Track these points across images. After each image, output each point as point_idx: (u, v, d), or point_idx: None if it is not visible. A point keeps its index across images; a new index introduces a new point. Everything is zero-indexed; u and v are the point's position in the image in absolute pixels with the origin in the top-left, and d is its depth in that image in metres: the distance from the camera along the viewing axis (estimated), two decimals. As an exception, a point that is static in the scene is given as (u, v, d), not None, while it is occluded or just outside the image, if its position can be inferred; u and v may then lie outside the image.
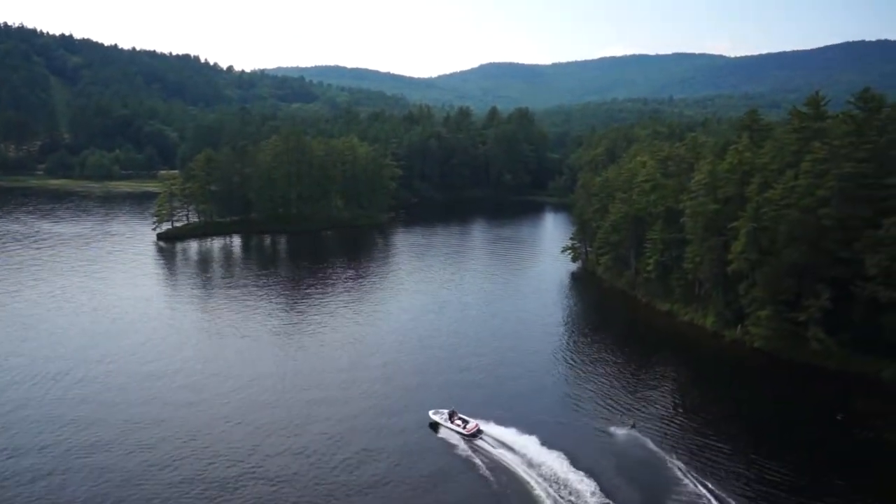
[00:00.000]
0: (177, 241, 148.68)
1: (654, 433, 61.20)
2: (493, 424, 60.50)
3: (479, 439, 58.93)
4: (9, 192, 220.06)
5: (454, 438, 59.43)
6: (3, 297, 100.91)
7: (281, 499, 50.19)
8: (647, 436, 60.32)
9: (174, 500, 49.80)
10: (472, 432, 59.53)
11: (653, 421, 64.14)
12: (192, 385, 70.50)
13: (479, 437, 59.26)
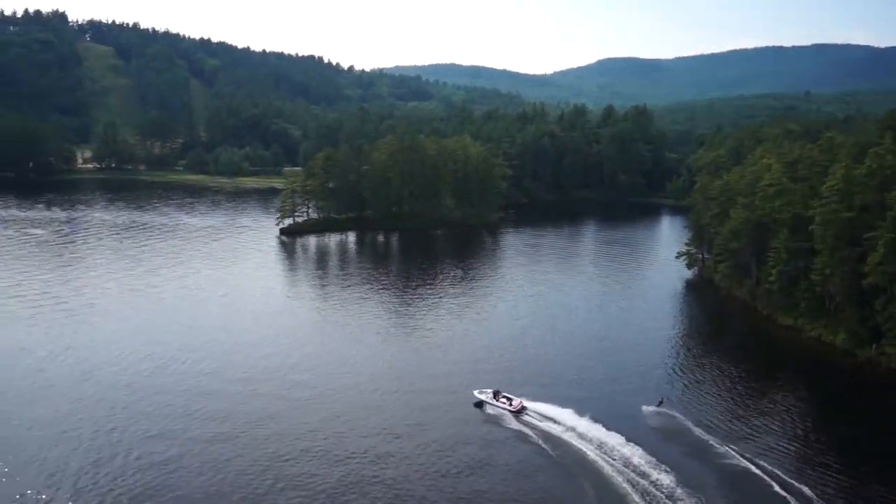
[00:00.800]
0: (297, 236, 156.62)
1: (774, 458, 57.57)
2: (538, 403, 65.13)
3: (524, 415, 63.62)
4: (153, 186, 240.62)
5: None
6: (143, 285, 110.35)
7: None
8: (763, 460, 56.85)
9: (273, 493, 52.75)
10: (518, 409, 64.13)
11: (772, 445, 60.37)
12: (308, 382, 73.83)
13: (524, 413, 63.91)
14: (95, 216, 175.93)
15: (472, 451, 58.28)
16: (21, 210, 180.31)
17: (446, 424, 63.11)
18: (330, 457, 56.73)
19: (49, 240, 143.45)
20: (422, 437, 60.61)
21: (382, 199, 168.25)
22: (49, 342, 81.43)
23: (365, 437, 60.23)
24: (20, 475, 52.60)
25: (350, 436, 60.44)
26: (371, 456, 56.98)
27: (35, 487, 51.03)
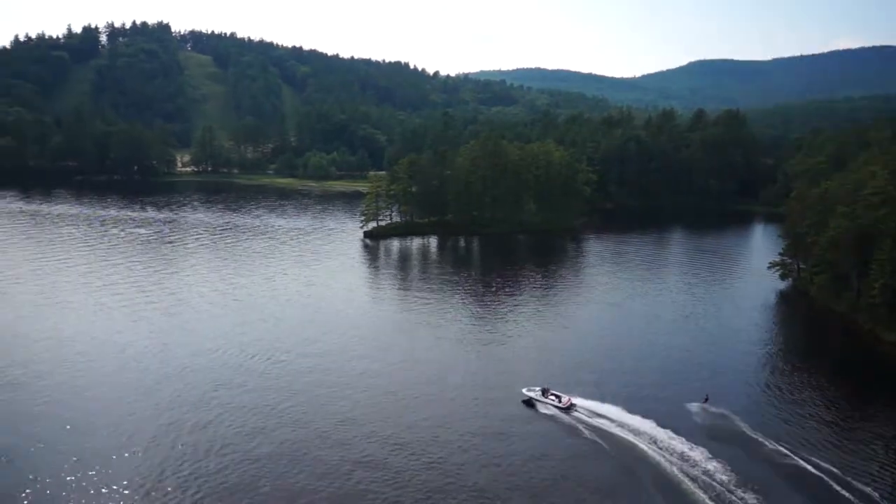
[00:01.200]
0: (380, 238, 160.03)
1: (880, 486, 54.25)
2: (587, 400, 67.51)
3: (573, 412, 65.97)
4: (246, 189, 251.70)
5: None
6: (234, 284, 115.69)
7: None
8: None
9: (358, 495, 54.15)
10: (567, 405, 66.28)
11: (872, 474, 56.88)
12: (387, 383, 75.53)
13: (574, 410, 66.18)
14: (193, 217, 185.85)
15: (530, 445, 60.39)
16: (126, 210, 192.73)
17: (530, 434, 63.14)
18: (412, 457, 57.83)
19: (151, 239, 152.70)
20: (499, 442, 60.90)
21: (464, 203, 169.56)
22: (146, 337, 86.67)
23: (439, 444, 60.96)
24: (120, 462, 56.40)
25: (424, 438, 61.38)
26: (445, 455, 57.71)
27: (136, 474, 54.60)
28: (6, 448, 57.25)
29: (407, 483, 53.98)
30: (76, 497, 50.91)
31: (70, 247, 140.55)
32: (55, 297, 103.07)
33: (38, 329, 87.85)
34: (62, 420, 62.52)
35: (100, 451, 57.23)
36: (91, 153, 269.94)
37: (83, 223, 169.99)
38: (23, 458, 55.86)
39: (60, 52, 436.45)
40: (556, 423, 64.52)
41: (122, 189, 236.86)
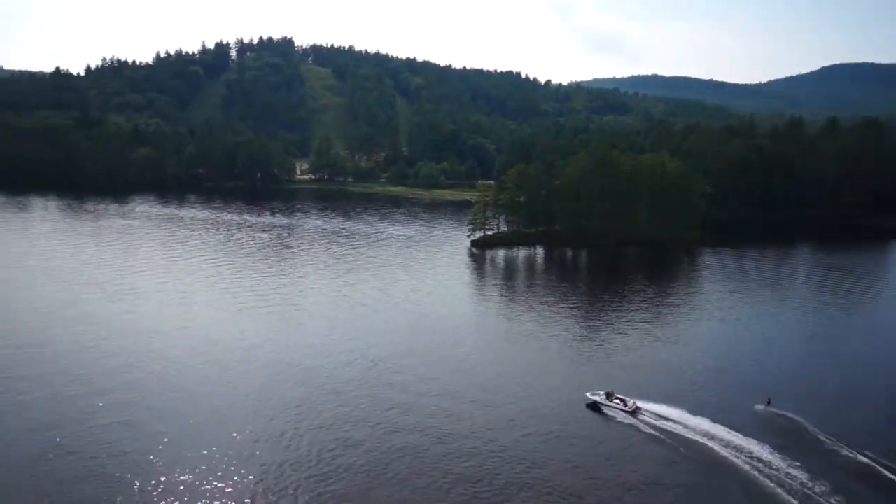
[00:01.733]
0: (487, 248, 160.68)
1: None
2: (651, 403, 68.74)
3: (639, 415, 66.96)
4: (359, 197, 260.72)
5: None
6: (345, 287, 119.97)
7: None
8: None
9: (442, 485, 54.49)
10: (633, 409, 67.26)
11: None
12: (487, 390, 75.66)
13: (639, 413, 67.16)
14: (310, 223, 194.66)
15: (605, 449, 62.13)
16: (250, 216, 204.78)
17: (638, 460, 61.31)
18: (503, 461, 57.66)
19: (272, 243, 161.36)
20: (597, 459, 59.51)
21: (573, 214, 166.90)
22: (259, 335, 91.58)
23: (541, 465, 60.27)
24: (228, 450, 59.92)
25: (520, 444, 60.92)
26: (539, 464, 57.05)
27: (242, 464, 57.82)
28: (138, 422, 62.37)
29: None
30: (191, 478, 54.60)
31: (200, 249, 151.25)
32: (188, 296, 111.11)
33: (171, 325, 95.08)
34: (183, 407, 67.37)
35: (204, 430, 61.17)
36: (220, 162, 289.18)
37: (212, 227, 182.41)
38: (147, 432, 60.65)
39: (195, 67, 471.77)
40: (631, 428, 65.82)
41: (246, 195, 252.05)
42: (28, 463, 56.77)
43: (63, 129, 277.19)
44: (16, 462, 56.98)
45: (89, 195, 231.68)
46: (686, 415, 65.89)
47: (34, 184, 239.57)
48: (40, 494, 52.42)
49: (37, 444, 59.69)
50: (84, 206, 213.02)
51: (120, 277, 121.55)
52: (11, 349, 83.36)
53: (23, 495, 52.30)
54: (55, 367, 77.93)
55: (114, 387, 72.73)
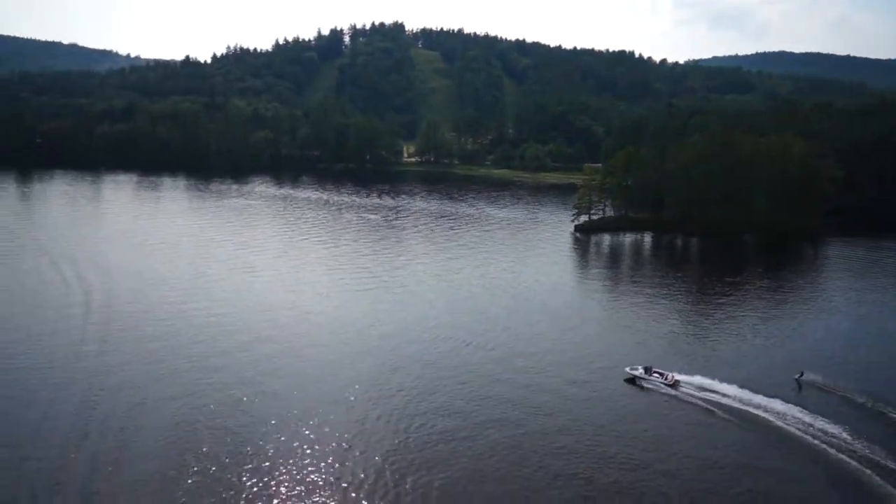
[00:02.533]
0: (591, 233, 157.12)
1: None
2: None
3: (679, 388, 68.82)
4: (463, 180, 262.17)
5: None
6: (448, 270, 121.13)
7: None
8: None
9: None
10: (672, 381, 69.12)
11: None
12: (583, 380, 74.29)
13: (679, 386, 68.98)
14: (415, 205, 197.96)
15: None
16: (359, 197, 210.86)
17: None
18: (584, 455, 56.55)
19: (379, 224, 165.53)
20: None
21: (684, 200, 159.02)
22: (366, 315, 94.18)
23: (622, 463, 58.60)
24: (328, 426, 62.29)
25: (604, 436, 59.41)
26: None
27: (339, 438, 59.99)
28: (249, 396, 66.18)
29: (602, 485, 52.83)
30: (295, 441, 57.26)
31: (312, 229, 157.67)
32: (299, 274, 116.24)
33: (284, 301, 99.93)
34: (291, 376, 70.73)
35: (317, 406, 63.82)
36: (332, 144, 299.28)
37: (324, 208, 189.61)
38: (256, 407, 64.12)
39: (311, 53, 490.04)
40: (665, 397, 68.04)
41: (355, 177, 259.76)
42: (169, 426, 61.60)
43: (191, 114, 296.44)
44: (158, 425, 62.02)
45: (213, 175, 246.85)
46: (727, 386, 67.78)
47: (165, 165, 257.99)
48: (182, 451, 56.81)
49: (179, 410, 64.74)
50: (209, 187, 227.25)
51: (240, 255, 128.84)
52: (151, 322, 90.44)
53: (163, 454, 56.78)
54: (184, 340, 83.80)
55: (229, 363, 77.35)
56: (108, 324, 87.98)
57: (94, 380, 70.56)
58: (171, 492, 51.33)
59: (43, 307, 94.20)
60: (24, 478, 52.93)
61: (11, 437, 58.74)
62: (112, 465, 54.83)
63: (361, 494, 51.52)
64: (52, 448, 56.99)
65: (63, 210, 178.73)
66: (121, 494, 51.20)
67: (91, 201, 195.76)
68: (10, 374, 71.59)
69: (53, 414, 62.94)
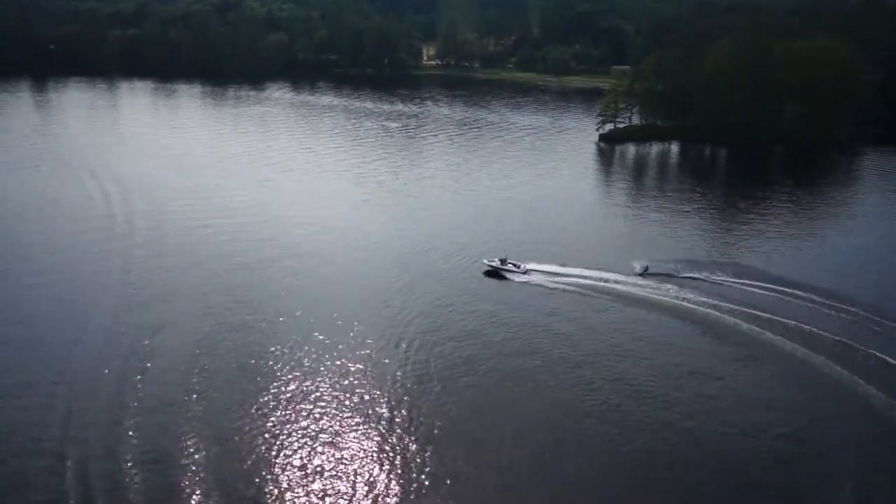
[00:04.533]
0: (616, 142, 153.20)
1: None
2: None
3: (531, 274, 77.09)
4: (485, 84, 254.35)
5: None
6: (467, 181, 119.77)
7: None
8: None
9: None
10: (524, 270, 76.98)
11: None
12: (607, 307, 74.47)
13: (530, 273, 77.09)
14: (436, 111, 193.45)
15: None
16: (378, 103, 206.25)
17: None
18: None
19: (398, 133, 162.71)
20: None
21: (713, 107, 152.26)
22: (385, 230, 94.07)
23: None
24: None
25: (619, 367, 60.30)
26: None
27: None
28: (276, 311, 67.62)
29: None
30: (331, 347, 58.97)
31: (331, 137, 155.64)
32: (320, 187, 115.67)
33: (305, 215, 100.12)
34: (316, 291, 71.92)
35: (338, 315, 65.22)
36: (348, 47, 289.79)
37: (342, 115, 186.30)
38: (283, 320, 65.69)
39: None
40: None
41: (373, 82, 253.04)
42: (195, 341, 63.70)
43: (202, 15, 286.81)
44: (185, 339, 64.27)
45: (228, 82, 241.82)
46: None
47: (179, 71, 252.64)
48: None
49: (203, 320, 66.63)
50: (225, 93, 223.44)
51: (257, 167, 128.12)
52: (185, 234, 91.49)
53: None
54: (205, 251, 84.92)
55: (249, 276, 78.51)
56: (132, 237, 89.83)
57: (122, 295, 72.62)
58: (204, 401, 53.59)
59: (64, 221, 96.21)
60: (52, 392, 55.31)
61: (43, 351, 61.16)
62: (141, 376, 57.05)
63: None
64: (84, 362, 59.28)
65: (80, 120, 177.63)
66: (153, 404, 53.37)
67: (107, 110, 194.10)
68: (39, 291, 73.37)
69: (83, 329, 65.15)
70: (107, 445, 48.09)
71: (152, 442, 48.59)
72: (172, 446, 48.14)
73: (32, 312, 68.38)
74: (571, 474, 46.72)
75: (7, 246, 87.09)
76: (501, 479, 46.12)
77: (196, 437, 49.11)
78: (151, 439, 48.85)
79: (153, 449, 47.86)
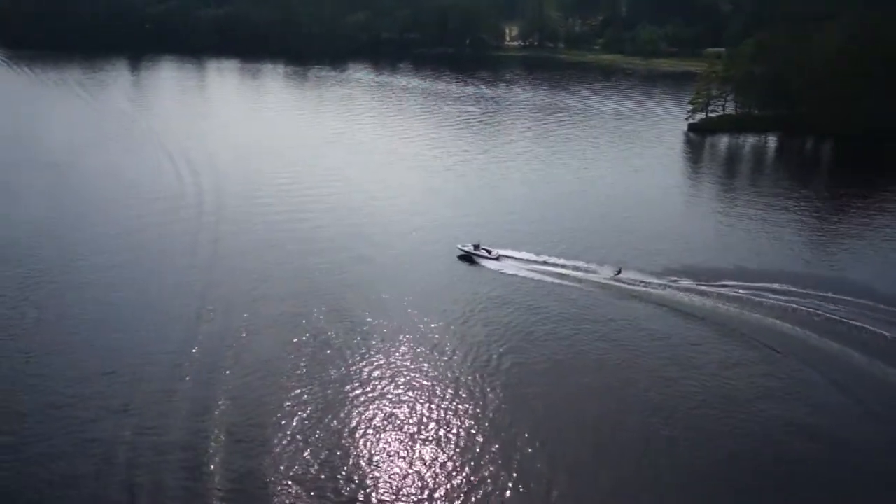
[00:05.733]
0: (707, 133, 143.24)
1: None
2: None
3: (502, 260, 77.47)
4: (569, 67, 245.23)
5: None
6: (548, 169, 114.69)
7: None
8: None
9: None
10: (496, 256, 77.35)
11: None
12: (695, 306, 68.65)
13: (501, 259, 77.47)
14: (518, 95, 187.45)
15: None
16: (458, 86, 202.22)
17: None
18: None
19: (478, 118, 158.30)
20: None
21: (821, 96, 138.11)
22: (455, 213, 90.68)
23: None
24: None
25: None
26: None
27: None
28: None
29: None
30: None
31: (407, 122, 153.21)
32: (390, 175, 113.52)
33: (380, 189, 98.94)
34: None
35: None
36: (431, 26, 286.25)
37: (423, 97, 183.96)
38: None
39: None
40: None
41: (454, 64, 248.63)
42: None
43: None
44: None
45: (311, 62, 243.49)
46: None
47: (265, 50, 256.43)
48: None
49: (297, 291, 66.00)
50: (307, 74, 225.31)
51: (338, 152, 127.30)
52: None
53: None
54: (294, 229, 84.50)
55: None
56: (220, 211, 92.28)
57: (213, 266, 74.90)
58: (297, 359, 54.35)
59: (157, 194, 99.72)
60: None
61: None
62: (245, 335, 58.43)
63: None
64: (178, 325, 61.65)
65: (173, 97, 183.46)
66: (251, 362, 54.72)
67: (195, 90, 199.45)
68: (138, 266, 74.55)
69: (178, 296, 67.94)
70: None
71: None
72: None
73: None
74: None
75: (105, 223, 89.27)
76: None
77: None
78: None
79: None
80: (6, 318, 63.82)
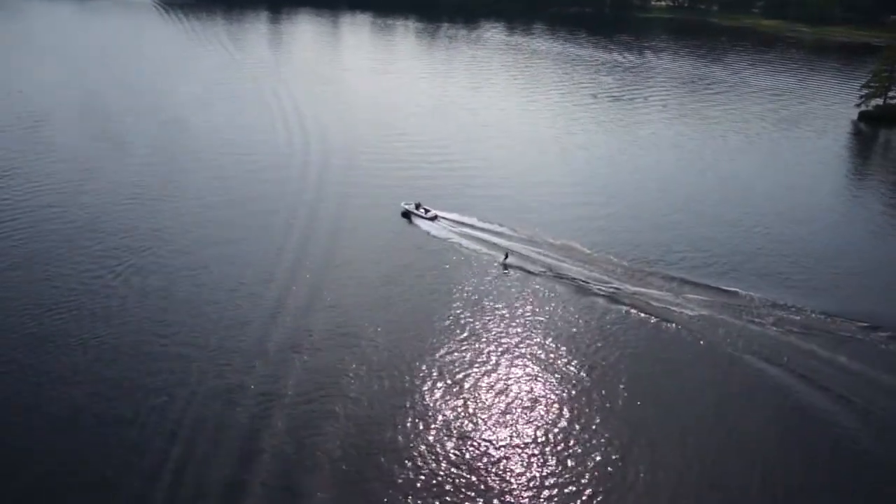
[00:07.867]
0: (883, 124, 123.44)
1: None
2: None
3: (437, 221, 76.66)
4: (722, 32, 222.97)
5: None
6: (679, 162, 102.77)
7: None
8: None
9: None
10: (432, 217, 77.03)
11: None
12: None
13: (437, 220, 76.90)
14: (660, 65, 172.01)
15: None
16: (595, 50, 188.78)
17: None
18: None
19: (613, 90, 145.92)
20: None
21: None
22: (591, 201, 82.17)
23: None
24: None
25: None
26: None
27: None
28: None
29: None
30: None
31: (538, 92, 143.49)
32: (526, 145, 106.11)
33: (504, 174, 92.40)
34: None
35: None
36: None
37: (553, 62, 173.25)
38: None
39: None
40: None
41: (592, 25, 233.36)
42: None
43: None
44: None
45: (443, 18, 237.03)
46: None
47: (398, 3, 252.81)
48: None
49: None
50: (438, 32, 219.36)
51: (459, 121, 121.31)
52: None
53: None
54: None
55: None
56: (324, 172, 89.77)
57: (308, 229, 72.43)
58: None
59: (269, 150, 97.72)
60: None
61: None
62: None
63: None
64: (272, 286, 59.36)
65: (302, 54, 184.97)
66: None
67: (328, 46, 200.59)
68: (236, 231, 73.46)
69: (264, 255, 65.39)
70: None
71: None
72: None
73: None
74: None
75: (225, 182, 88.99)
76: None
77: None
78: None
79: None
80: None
